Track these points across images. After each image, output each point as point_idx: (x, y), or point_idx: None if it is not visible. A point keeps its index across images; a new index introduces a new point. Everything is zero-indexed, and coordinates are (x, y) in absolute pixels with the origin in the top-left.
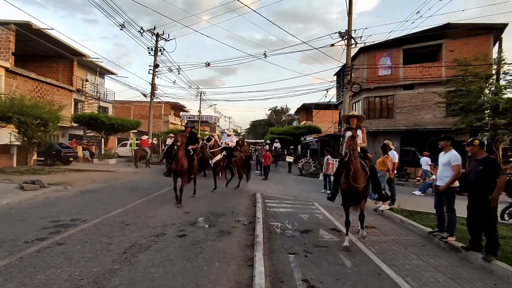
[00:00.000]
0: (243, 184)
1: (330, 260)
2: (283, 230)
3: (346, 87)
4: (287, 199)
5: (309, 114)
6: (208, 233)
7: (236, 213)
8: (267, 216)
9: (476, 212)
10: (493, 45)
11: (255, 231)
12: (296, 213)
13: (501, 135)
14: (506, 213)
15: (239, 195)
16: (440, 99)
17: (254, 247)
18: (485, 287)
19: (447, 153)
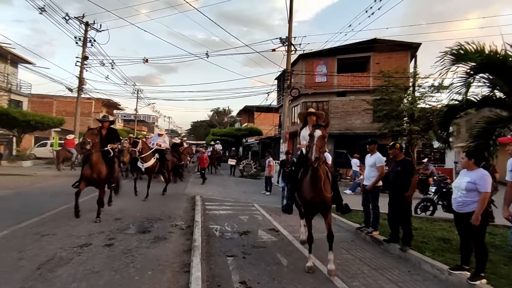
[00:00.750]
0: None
1: (267, 260)
2: (222, 232)
3: (286, 91)
4: (227, 201)
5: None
6: (142, 240)
7: (174, 217)
8: (207, 219)
9: (395, 208)
10: (410, 61)
11: (193, 235)
12: (236, 215)
13: (416, 140)
14: (418, 208)
15: (177, 198)
16: (367, 106)
17: (191, 252)
18: (401, 274)
19: (372, 155)
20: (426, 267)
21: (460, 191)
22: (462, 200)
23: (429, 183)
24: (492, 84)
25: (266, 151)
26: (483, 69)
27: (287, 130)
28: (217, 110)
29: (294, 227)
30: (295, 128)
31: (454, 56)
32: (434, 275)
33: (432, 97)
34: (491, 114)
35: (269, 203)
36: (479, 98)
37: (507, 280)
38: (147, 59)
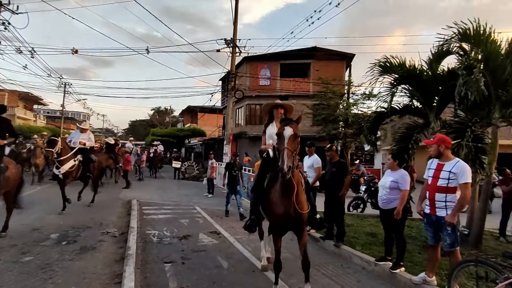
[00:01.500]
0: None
1: (208, 264)
2: (161, 238)
3: (230, 93)
4: (167, 204)
5: (194, 117)
6: (64, 251)
7: (106, 224)
8: (144, 224)
9: (330, 206)
10: (345, 70)
11: (127, 242)
12: (176, 218)
13: (350, 143)
14: (351, 206)
15: (111, 203)
16: (308, 110)
17: (124, 261)
18: (334, 269)
19: (310, 157)
20: (356, 260)
21: (385, 190)
22: (387, 197)
23: (360, 183)
24: (411, 94)
25: (209, 153)
26: (404, 81)
27: (231, 131)
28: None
29: (236, 229)
30: (239, 129)
31: (381, 68)
32: (363, 267)
33: (364, 104)
34: (410, 121)
35: (211, 206)
36: (401, 106)
37: (420, 266)
38: (76, 50)
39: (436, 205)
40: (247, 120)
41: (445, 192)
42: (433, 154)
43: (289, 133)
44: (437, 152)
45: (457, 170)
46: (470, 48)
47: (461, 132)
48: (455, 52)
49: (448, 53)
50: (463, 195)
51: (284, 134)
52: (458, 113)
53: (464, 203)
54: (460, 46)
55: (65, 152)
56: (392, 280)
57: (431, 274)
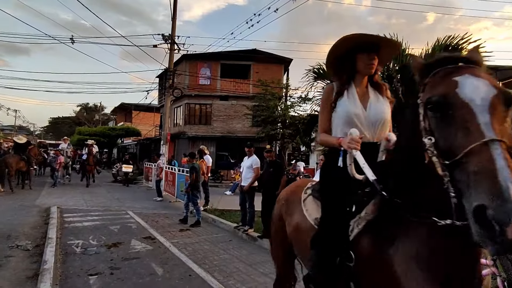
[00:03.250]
0: (33, 196)
1: (140, 272)
2: (85, 248)
3: (168, 91)
4: (95, 210)
5: (128, 115)
6: None
7: (15, 236)
8: (65, 234)
9: (267, 205)
10: (284, 73)
11: (43, 255)
12: (105, 225)
13: (287, 143)
14: None
15: (23, 212)
16: (248, 111)
17: (38, 277)
18: (271, 266)
19: (250, 157)
20: None
21: None
22: None
23: None
24: None
25: (155, 154)
26: None
27: (168, 131)
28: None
29: (172, 232)
30: (178, 129)
31: (316, 74)
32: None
33: (300, 106)
34: None
35: (147, 210)
36: None
37: None
38: None
39: None
40: (186, 120)
41: None
42: None
43: (487, 95)
44: None
45: None
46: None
47: None
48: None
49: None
50: None
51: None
52: None
53: None
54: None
55: None
56: None
57: None
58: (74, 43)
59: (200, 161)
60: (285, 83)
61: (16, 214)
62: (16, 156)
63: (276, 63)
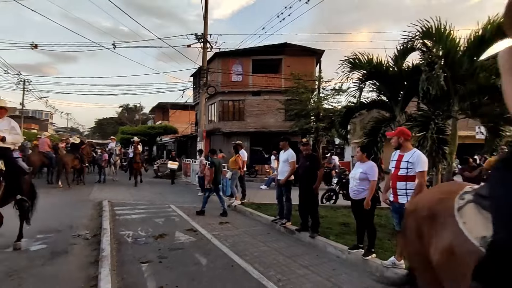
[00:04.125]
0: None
1: (186, 261)
2: (136, 238)
3: (202, 89)
4: (141, 204)
5: (165, 114)
6: (34, 257)
7: (76, 227)
8: (117, 225)
9: (304, 199)
10: (316, 65)
11: (100, 244)
12: (151, 218)
13: (321, 137)
14: (324, 198)
15: (80, 205)
16: (280, 105)
17: (99, 263)
18: (311, 259)
19: (285, 151)
20: (331, 249)
21: (355, 181)
22: (357, 188)
23: (332, 175)
24: (378, 89)
25: (198, 150)
26: (372, 77)
27: (204, 128)
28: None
29: (212, 225)
30: (213, 126)
31: (351, 64)
32: (337, 255)
33: (334, 98)
34: (379, 115)
35: (187, 203)
36: (369, 101)
37: (390, 252)
38: (36, 44)
39: (398, 193)
40: (220, 116)
41: (405, 181)
42: (394, 146)
43: None
44: (397, 143)
45: (413, 159)
46: (432, 45)
47: (425, 124)
48: (418, 49)
49: (412, 50)
50: (419, 182)
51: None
52: (421, 106)
53: (421, 190)
54: (423, 43)
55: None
56: (365, 266)
57: (400, 258)
58: (115, 48)
59: (236, 156)
60: (317, 76)
61: (74, 207)
62: (71, 155)
63: (307, 56)
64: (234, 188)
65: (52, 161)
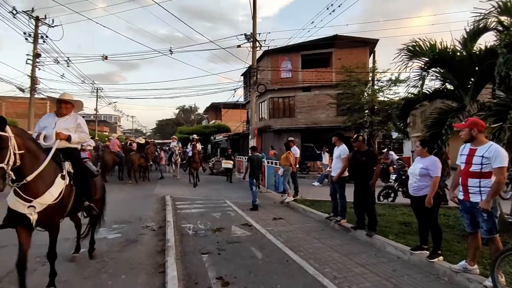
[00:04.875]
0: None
1: (242, 254)
2: (196, 231)
3: (253, 87)
4: (198, 199)
5: (218, 113)
6: (112, 244)
7: (144, 219)
8: (179, 218)
9: (360, 196)
10: (369, 56)
11: (165, 235)
12: (208, 212)
13: (376, 131)
14: (381, 195)
15: (146, 200)
16: (331, 100)
17: (165, 252)
18: (368, 258)
19: (338, 147)
20: (390, 249)
21: (415, 177)
22: (417, 184)
23: (390, 172)
24: (443, 77)
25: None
26: (435, 64)
27: (255, 126)
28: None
29: (266, 221)
30: (264, 123)
31: (410, 52)
32: (398, 256)
33: (390, 90)
34: (443, 105)
35: (241, 199)
36: (432, 91)
37: (460, 255)
38: (106, 56)
39: (470, 191)
40: (270, 114)
41: (479, 178)
42: (465, 139)
43: None
44: (469, 136)
45: (489, 154)
46: (510, 22)
47: (502, 114)
48: (493, 28)
49: (485, 30)
50: (497, 179)
51: None
52: (497, 94)
53: (499, 188)
54: (499, 21)
55: (32, 161)
56: (430, 269)
57: (472, 263)
58: (172, 53)
59: (287, 153)
60: (371, 67)
61: (141, 201)
62: (137, 154)
63: (360, 47)
64: (286, 184)
65: (122, 160)
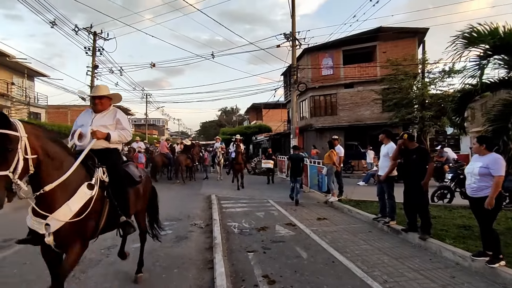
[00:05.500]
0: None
1: (287, 254)
2: (241, 229)
3: (293, 86)
4: (242, 199)
5: (259, 114)
6: (164, 239)
7: (192, 216)
8: (224, 217)
9: (411, 196)
10: (418, 47)
11: (212, 233)
12: (252, 211)
13: (428, 127)
14: (435, 196)
15: (193, 198)
16: (376, 96)
17: (213, 249)
18: (422, 262)
19: (386, 145)
20: (448, 254)
21: (474, 177)
22: (477, 185)
23: (445, 171)
24: (508, 65)
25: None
26: (497, 51)
27: (296, 125)
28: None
29: (310, 221)
30: (305, 122)
31: (466, 40)
32: (456, 262)
33: (443, 82)
34: (508, 96)
35: (284, 199)
36: (495, 80)
37: None
38: (154, 63)
39: None
40: (312, 112)
41: None
42: None
43: None
44: None
45: None
46: None
47: None
48: None
49: None
50: None
51: None
52: None
53: None
54: None
55: (53, 167)
56: (495, 277)
57: None
58: (214, 57)
59: (330, 151)
60: (420, 58)
61: (189, 200)
62: (184, 155)
63: (407, 38)
64: (331, 184)
65: (170, 161)
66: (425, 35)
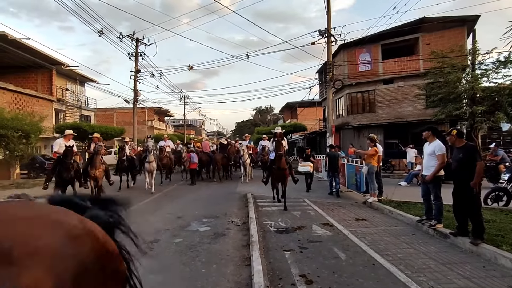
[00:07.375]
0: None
1: (325, 254)
2: (277, 228)
3: (329, 84)
4: None
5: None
6: (203, 236)
7: (229, 214)
8: (260, 215)
9: (460, 198)
10: (467, 37)
11: (249, 230)
12: (289, 210)
13: (479, 123)
14: (489, 198)
15: (230, 197)
16: (419, 91)
17: (250, 247)
18: (474, 270)
19: (431, 143)
20: (504, 262)
21: None
22: None
23: (500, 170)
24: None
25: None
26: None
27: (332, 123)
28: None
29: (348, 221)
30: (341, 120)
31: None
32: None
33: (498, 73)
34: None
35: (321, 198)
36: None
37: None
38: (191, 66)
39: None
40: (349, 110)
41: None
42: None
43: None
44: None
45: None
46: None
47: None
48: None
49: None
50: None
51: None
52: None
53: None
54: None
55: None
56: None
57: None
58: (248, 57)
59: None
60: (470, 49)
61: (226, 198)
62: (220, 154)
63: (454, 27)
64: (375, 183)
65: (211, 160)
66: (476, 23)
